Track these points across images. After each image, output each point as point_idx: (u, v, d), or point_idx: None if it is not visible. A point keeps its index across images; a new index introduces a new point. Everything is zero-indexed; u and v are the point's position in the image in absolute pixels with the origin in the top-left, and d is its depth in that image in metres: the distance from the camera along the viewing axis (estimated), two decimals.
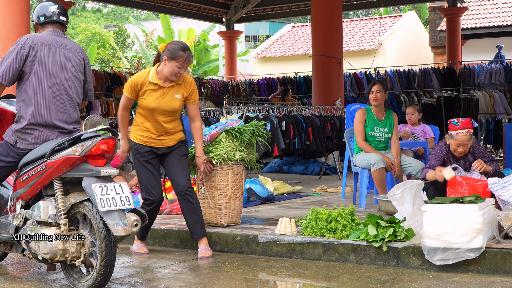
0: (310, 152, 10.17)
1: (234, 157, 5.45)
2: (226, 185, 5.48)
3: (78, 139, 3.98)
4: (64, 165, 3.91)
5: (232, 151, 5.46)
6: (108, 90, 15.17)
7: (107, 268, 3.84)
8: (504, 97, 14.90)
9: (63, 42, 4.31)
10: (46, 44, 4.22)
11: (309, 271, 4.50)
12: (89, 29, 34.50)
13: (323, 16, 11.99)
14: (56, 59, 4.23)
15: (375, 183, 6.68)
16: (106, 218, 3.78)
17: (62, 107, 4.20)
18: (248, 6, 18.55)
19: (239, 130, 5.50)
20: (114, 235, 3.79)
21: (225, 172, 5.46)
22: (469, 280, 4.15)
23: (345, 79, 15.78)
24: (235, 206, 5.55)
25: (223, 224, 5.48)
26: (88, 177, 3.88)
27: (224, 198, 5.50)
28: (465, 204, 4.38)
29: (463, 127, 5.50)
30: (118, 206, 3.81)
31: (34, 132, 4.13)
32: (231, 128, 5.50)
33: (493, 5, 23.52)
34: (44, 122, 4.14)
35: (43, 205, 3.97)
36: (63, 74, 4.23)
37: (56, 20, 4.37)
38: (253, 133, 5.54)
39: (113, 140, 4.01)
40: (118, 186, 3.90)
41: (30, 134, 4.13)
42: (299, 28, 30.85)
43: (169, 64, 4.89)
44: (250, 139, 5.52)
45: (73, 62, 4.31)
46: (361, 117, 6.81)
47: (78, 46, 4.42)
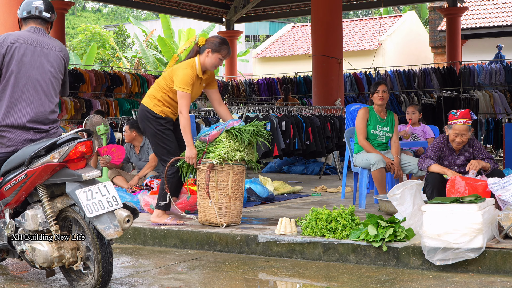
0: (310, 152, 10.17)
1: (235, 157, 5.43)
2: (226, 185, 5.46)
3: (54, 145, 3.89)
4: (45, 172, 3.83)
5: (232, 151, 5.44)
6: (108, 90, 15.18)
7: (105, 277, 3.83)
8: (504, 97, 14.90)
9: (43, 41, 4.19)
10: (25, 43, 4.10)
11: (309, 271, 4.50)
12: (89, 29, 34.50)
13: (323, 16, 11.99)
14: (34, 59, 4.12)
15: (375, 183, 6.68)
16: (96, 223, 3.70)
17: (39, 107, 4.10)
18: (248, 6, 18.55)
19: (239, 130, 5.49)
20: (107, 239, 3.74)
21: (226, 172, 5.44)
22: (469, 280, 4.15)
23: (345, 79, 15.78)
24: (235, 206, 5.52)
25: (223, 224, 5.47)
26: (71, 182, 3.80)
27: (224, 198, 5.47)
28: (465, 204, 4.38)
29: (461, 116, 5.55)
30: (106, 209, 3.72)
31: (7, 135, 4.04)
32: (232, 128, 5.49)
33: (493, 5, 23.53)
34: (17, 124, 4.04)
35: (31, 213, 3.90)
36: (41, 75, 4.12)
37: (37, 15, 4.23)
38: (254, 133, 5.54)
39: (89, 141, 3.92)
40: (102, 187, 3.79)
41: (4, 137, 4.05)
42: (299, 28, 30.86)
43: (212, 56, 5.50)
44: (251, 139, 5.52)
45: (53, 62, 4.19)
46: (364, 115, 6.83)
47: (61, 45, 4.29)
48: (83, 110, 14.24)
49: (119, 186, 7.99)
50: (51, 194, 3.96)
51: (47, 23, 4.31)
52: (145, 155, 8.24)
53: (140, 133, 8.30)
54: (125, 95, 15.62)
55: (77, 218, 3.86)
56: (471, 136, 5.73)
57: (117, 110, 14.87)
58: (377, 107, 6.90)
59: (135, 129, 8.21)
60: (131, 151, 8.42)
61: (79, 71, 14.56)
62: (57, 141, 3.91)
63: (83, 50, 32.90)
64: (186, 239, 5.40)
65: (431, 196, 5.43)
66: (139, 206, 6.52)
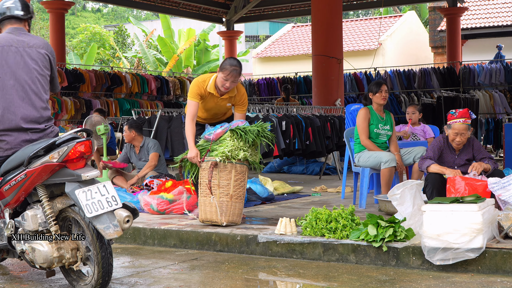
0: (310, 152, 10.16)
1: (238, 156, 5.44)
2: (228, 183, 5.47)
3: (53, 145, 3.89)
4: (44, 172, 3.83)
5: (236, 150, 5.45)
6: (108, 90, 15.18)
7: (105, 277, 3.82)
8: (504, 97, 14.90)
9: (24, 40, 4.17)
10: (6, 46, 4.09)
11: (309, 271, 4.50)
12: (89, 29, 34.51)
13: (323, 16, 11.99)
14: (18, 59, 4.10)
15: (382, 181, 6.63)
16: (96, 223, 3.70)
17: (31, 107, 4.10)
18: (248, 6, 18.55)
19: (244, 129, 5.51)
20: (107, 239, 3.74)
21: (228, 170, 5.45)
22: (469, 280, 4.15)
23: (345, 79, 15.78)
24: (236, 205, 5.52)
25: (223, 223, 5.47)
26: (70, 182, 3.80)
27: (226, 197, 5.47)
28: (465, 204, 4.38)
29: (460, 116, 5.56)
30: (106, 209, 3.71)
31: (6, 138, 4.04)
32: (237, 127, 5.51)
33: (493, 5, 23.53)
34: (14, 127, 4.04)
35: (31, 214, 3.90)
36: (28, 74, 4.11)
37: (11, 15, 4.21)
38: (258, 134, 5.57)
39: (88, 141, 3.92)
40: (102, 187, 3.78)
41: (2, 141, 4.05)
42: (299, 28, 30.85)
43: (219, 75, 5.66)
44: (255, 140, 5.53)
45: (37, 60, 4.17)
46: (365, 115, 6.84)
47: (43, 41, 4.26)
48: (83, 110, 14.24)
49: (119, 186, 8.00)
50: (51, 194, 3.96)
51: (23, 21, 4.28)
52: (144, 155, 8.24)
53: (140, 133, 8.30)
54: (125, 95, 15.63)
55: (76, 218, 3.86)
56: (471, 136, 5.73)
57: (117, 110, 14.88)
58: (377, 107, 6.92)
59: (134, 129, 8.21)
60: (131, 151, 8.42)
61: (79, 71, 14.56)
62: (56, 141, 3.91)
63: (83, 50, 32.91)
64: (186, 239, 5.40)
65: (431, 196, 5.43)
66: (139, 206, 6.52)
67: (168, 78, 17.03)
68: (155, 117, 9.81)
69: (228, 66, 5.58)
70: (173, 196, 6.39)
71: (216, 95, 5.74)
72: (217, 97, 5.75)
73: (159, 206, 6.35)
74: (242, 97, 5.87)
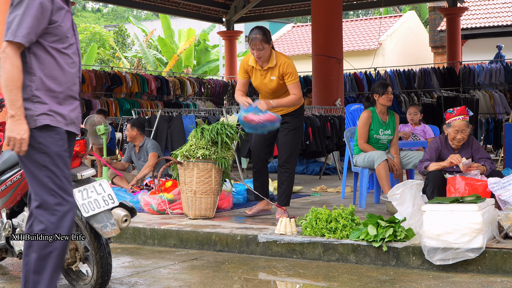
0: (310, 152, 10.16)
1: (197, 155, 5.78)
2: (191, 180, 5.87)
3: None
4: None
5: (196, 149, 5.82)
6: (108, 90, 15.17)
7: (105, 277, 3.82)
8: (504, 97, 14.90)
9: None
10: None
11: (309, 271, 4.50)
12: (89, 29, 34.48)
13: (323, 16, 11.98)
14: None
15: (379, 181, 6.60)
16: (93, 222, 3.69)
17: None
18: (248, 6, 18.54)
19: (202, 128, 5.89)
20: (104, 237, 3.73)
21: (191, 168, 5.87)
22: (469, 280, 4.15)
23: (345, 79, 15.77)
24: (201, 200, 5.88)
25: (190, 217, 5.91)
26: None
27: (190, 193, 5.89)
28: (465, 204, 4.38)
29: (459, 113, 5.56)
30: (102, 207, 3.71)
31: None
32: (201, 126, 5.93)
33: (493, 5, 23.52)
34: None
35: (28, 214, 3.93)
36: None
37: None
38: (218, 132, 5.85)
39: (83, 140, 3.91)
40: (98, 185, 3.78)
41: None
42: (299, 28, 30.85)
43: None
44: (215, 138, 5.81)
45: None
46: (366, 120, 6.75)
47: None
48: (83, 110, 14.24)
49: (119, 186, 8.00)
50: None
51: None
52: (144, 155, 8.24)
53: (141, 133, 8.31)
54: (125, 95, 15.62)
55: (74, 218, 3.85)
56: (470, 136, 5.72)
57: (117, 110, 14.87)
58: (381, 108, 6.81)
59: (136, 128, 8.23)
60: (132, 151, 8.42)
61: None
62: None
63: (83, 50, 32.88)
64: (186, 239, 5.40)
65: (431, 195, 5.42)
66: (139, 206, 6.52)
67: (168, 78, 17.02)
68: (155, 117, 9.81)
69: (250, 36, 5.63)
70: (173, 196, 6.40)
71: (258, 68, 5.79)
72: (259, 70, 5.79)
73: (159, 206, 6.35)
74: (283, 67, 5.73)
